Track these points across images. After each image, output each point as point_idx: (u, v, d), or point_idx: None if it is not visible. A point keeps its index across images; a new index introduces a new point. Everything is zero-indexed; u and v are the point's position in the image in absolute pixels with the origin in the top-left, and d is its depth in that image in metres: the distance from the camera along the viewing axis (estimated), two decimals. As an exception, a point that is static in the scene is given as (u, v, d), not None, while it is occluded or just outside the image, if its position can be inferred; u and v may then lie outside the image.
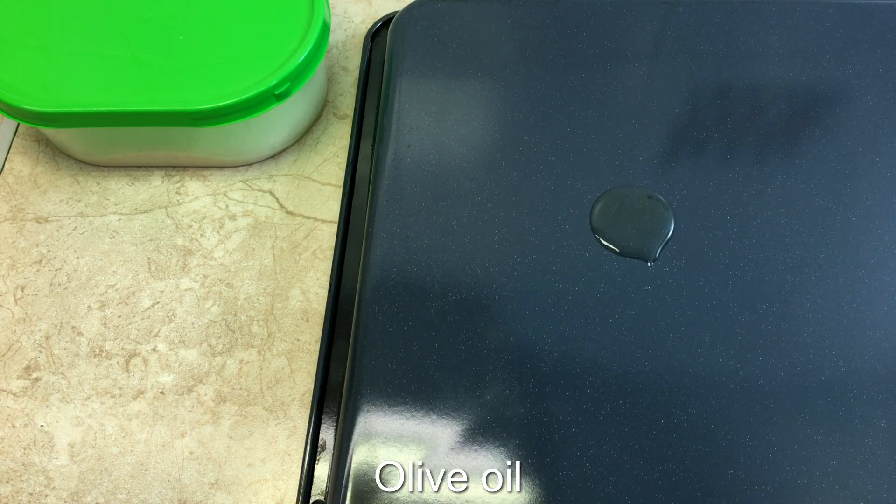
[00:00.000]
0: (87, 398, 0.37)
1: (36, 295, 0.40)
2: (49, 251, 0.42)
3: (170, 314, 0.39)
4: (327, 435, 0.35)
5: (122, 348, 0.39)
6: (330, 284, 0.39)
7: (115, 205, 0.43)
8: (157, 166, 0.44)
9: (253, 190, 0.43)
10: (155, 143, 0.42)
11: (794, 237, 0.35)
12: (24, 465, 0.36)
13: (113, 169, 0.44)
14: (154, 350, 0.39)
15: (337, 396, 0.35)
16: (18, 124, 0.46)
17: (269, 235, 0.42)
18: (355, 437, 0.31)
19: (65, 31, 0.40)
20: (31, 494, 0.35)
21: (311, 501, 0.34)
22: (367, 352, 0.33)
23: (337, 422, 0.34)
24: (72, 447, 0.36)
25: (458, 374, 0.32)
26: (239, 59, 0.39)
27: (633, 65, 0.40)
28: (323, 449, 0.35)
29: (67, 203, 0.43)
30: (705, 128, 0.38)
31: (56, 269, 0.41)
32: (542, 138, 0.38)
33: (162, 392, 0.37)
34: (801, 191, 0.36)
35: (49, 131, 0.42)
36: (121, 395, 0.37)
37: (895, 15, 0.41)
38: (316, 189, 0.43)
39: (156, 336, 0.39)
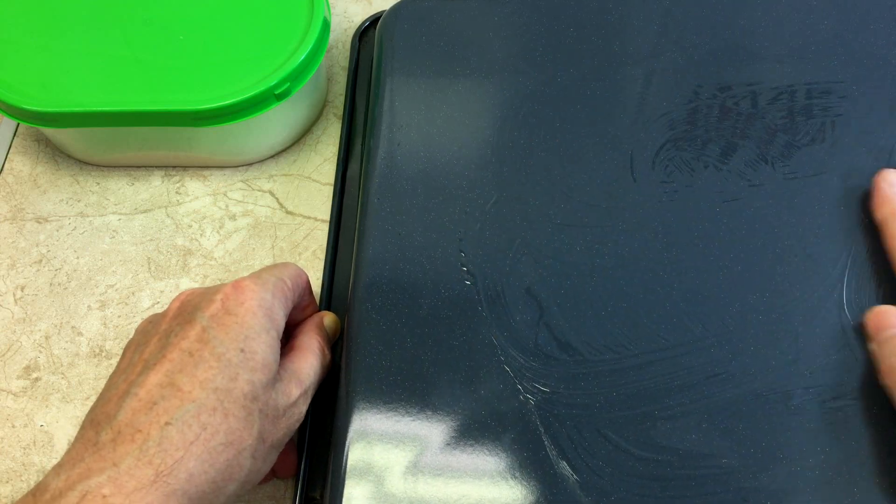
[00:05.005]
0: (87, 398, 0.37)
1: (36, 295, 0.40)
2: (49, 251, 0.42)
3: (170, 314, 0.39)
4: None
5: (122, 348, 0.39)
6: (322, 283, 0.39)
7: (115, 205, 0.43)
8: (157, 166, 0.44)
9: (253, 190, 0.43)
10: (155, 143, 0.42)
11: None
12: (24, 465, 0.36)
13: (113, 169, 0.44)
14: (154, 350, 0.38)
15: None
16: (18, 124, 0.46)
17: (269, 235, 0.42)
18: (350, 434, 0.31)
19: (65, 31, 0.40)
20: (31, 494, 0.35)
21: (306, 497, 0.34)
22: (361, 349, 0.33)
23: (332, 418, 0.34)
24: (72, 447, 0.36)
25: (452, 370, 0.32)
26: (239, 59, 0.39)
27: (622, 60, 0.40)
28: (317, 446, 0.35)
29: (67, 203, 0.43)
30: (698, 122, 0.38)
31: (56, 269, 0.41)
32: (531, 135, 0.38)
33: (162, 392, 0.37)
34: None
35: (49, 131, 0.42)
36: (121, 395, 0.37)
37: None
38: (316, 189, 0.43)
39: (156, 336, 0.39)
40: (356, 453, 0.31)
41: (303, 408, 0.31)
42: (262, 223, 0.42)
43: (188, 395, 0.27)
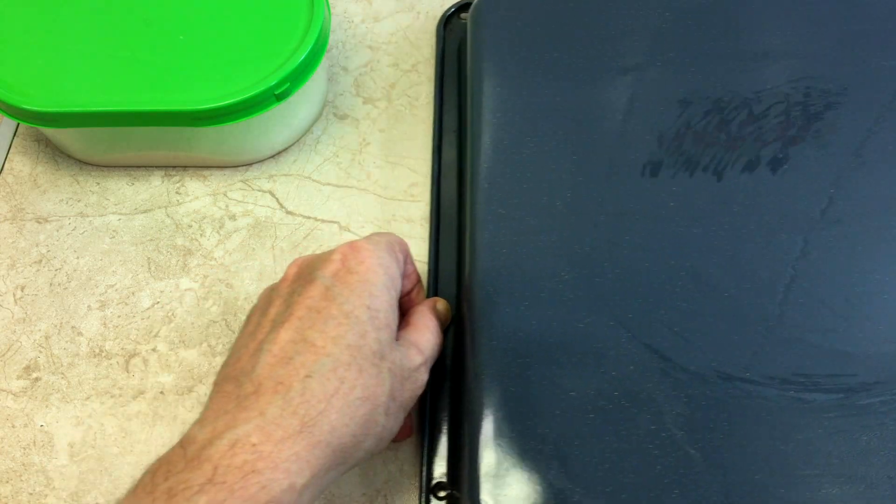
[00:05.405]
0: (87, 398, 0.37)
1: (36, 295, 0.40)
2: (49, 251, 0.42)
3: (170, 314, 0.39)
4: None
5: (122, 348, 0.39)
6: (428, 270, 0.39)
7: (115, 205, 0.43)
8: (157, 166, 0.44)
9: (253, 190, 0.43)
10: (155, 143, 0.42)
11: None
12: (24, 465, 0.36)
13: (113, 169, 0.44)
14: (154, 350, 0.39)
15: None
16: (18, 124, 0.46)
17: (269, 235, 0.42)
18: (484, 416, 0.31)
19: (65, 31, 0.40)
20: (31, 494, 0.35)
21: (433, 483, 0.34)
22: (486, 331, 0.33)
23: (452, 403, 0.34)
24: (72, 447, 0.36)
25: (578, 350, 0.32)
26: (239, 59, 0.39)
27: (726, 42, 0.40)
28: (440, 431, 0.35)
29: (67, 203, 0.43)
30: (800, 108, 0.38)
31: (56, 269, 0.41)
32: (636, 116, 0.38)
33: (162, 392, 0.37)
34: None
35: (49, 131, 0.42)
36: (121, 395, 0.37)
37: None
38: (316, 189, 0.43)
39: (156, 336, 0.39)
40: (491, 436, 0.31)
41: (424, 376, 0.31)
42: (262, 223, 0.42)
43: (322, 349, 0.27)
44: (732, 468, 0.30)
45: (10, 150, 0.45)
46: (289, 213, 0.42)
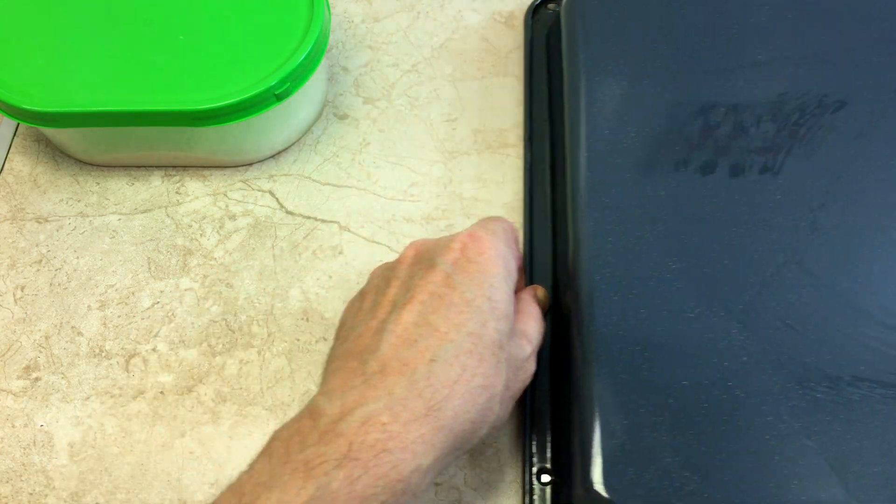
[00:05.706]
0: (87, 398, 0.37)
1: (36, 295, 0.40)
2: (49, 251, 0.42)
3: (170, 314, 0.39)
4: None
5: (122, 348, 0.39)
6: (525, 257, 0.39)
7: (115, 205, 0.43)
8: (157, 166, 0.44)
9: (253, 190, 0.43)
10: (155, 143, 0.42)
11: None
12: (23, 465, 0.36)
13: (113, 169, 0.44)
14: (154, 350, 0.39)
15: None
16: (18, 124, 0.46)
17: (269, 235, 0.42)
18: (596, 406, 0.31)
19: (65, 31, 0.40)
20: (31, 494, 0.35)
21: (535, 470, 0.34)
22: (594, 320, 0.33)
23: (553, 390, 0.35)
24: (72, 447, 0.36)
25: (689, 341, 0.32)
26: (239, 59, 0.39)
27: (833, 38, 0.40)
28: (540, 419, 0.35)
29: (67, 203, 0.43)
30: None
31: (56, 269, 0.41)
32: (739, 109, 0.38)
33: (162, 392, 0.37)
34: None
35: (49, 131, 0.42)
36: (121, 395, 0.37)
37: None
38: (316, 189, 0.43)
39: (156, 336, 0.39)
40: (602, 424, 0.31)
41: (533, 366, 0.31)
42: (262, 223, 0.42)
43: (445, 335, 0.27)
44: (851, 460, 0.30)
45: (10, 150, 0.45)
46: (289, 213, 0.42)
